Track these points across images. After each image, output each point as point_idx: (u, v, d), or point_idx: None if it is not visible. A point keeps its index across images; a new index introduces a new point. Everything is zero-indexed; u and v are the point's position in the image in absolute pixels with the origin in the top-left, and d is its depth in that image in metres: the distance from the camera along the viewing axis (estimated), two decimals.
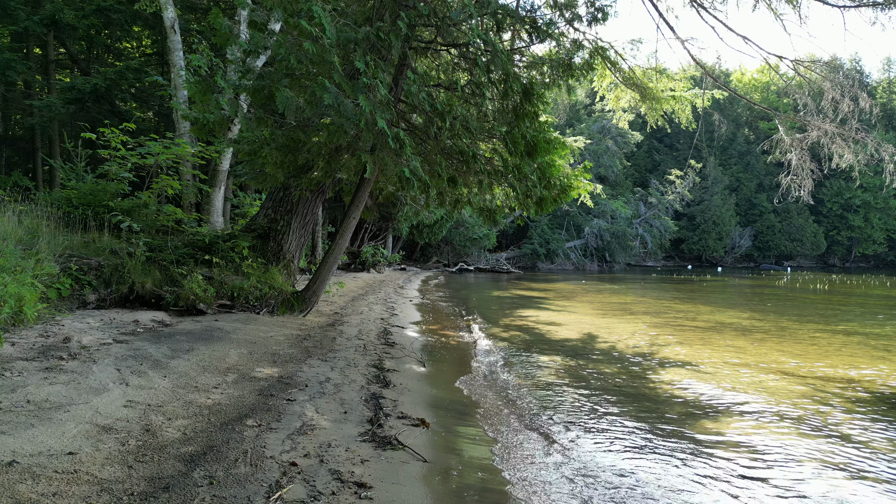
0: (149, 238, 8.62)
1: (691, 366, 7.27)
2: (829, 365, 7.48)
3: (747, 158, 50.71)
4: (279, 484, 2.98)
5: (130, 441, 3.25)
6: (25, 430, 3.14)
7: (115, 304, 7.24)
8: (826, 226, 51.21)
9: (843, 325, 11.56)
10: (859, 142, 11.88)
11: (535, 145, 7.11)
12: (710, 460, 4.08)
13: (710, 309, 14.31)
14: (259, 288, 8.21)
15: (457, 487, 3.35)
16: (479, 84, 7.09)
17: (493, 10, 6.95)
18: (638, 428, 4.75)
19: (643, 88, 12.51)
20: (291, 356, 5.93)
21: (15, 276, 5.58)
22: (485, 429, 4.52)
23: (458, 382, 6.00)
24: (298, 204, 9.69)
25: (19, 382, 3.86)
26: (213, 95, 7.33)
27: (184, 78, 11.63)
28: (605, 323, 11.24)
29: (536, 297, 16.98)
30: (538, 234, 35.51)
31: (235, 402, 4.21)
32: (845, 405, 5.62)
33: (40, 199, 9.48)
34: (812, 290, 21.83)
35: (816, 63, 12.31)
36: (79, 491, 2.62)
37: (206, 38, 13.83)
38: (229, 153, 12.31)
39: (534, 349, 8.20)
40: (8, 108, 20.45)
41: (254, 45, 7.22)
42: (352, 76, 6.86)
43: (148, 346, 5.37)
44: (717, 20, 10.65)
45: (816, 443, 4.53)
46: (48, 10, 15.16)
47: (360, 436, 3.89)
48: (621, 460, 4.02)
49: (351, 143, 7.04)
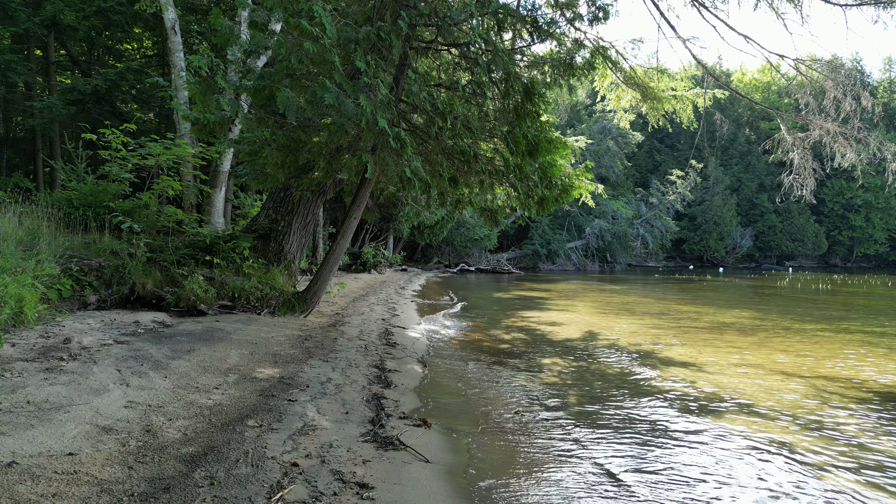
0: (149, 239, 8.61)
1: (694, 366, 7.24)
2: (832, 364, 7.45)
3: (748, 158, 50.67)
4: (280, 484, 2.96)
5: (131, 442, 3.23)
6: (25, 431, 3.12)
7: (116, 304, 7.23)
8: (827, 226, 51.14)
9: (845, 324, 11.52)
10: (861, 141, 11.85)
11: (537, 145, 7.09)
12: (711, 459, 4.06)
13: (713, 309, 14.28)
14: (260, 288, 8.20)
15: (460, 487, 3.32)
16: (480, 84, 7.07)
17: (493, 10, 6.93)
18: (640, 426, 4.72)
19: (644, 88, 12.50)
20: (292, 357, 5.91)
21: (15, 276, 5.57)
22: (486, 429, 4.50)
23: (460, 382, 5.98)
24: (299, 204, 9.68)
25: (19, 383, 3.85)
26: (213, 96, 7.32)
27: (184, 79, 11.63)
28: (607, 322, 11.21)
29: (538, 297, 16.96)
30: (539, 235, 35.49)
31: (236, 402, 4.19)
32: (848, 404, 5.59)
33: (41, 200, 9.47)
34: (814, 290, 21.79)
35: (818, 62, 12.29)
36: (79, 492, 2.61)
37: (207, 38, 13.82)
38: (230, 154, 12.31)
39: (535, 349, 8.17)
40: (9, 109, 20.46)
41: (254, 45, 7.21)
42: (352, 76, 6.86)
43: (149, 346, 5.36)
44: (719, 19, 10.64)
45: (818, 442, 4.50)
46: (49, 11, 15.15)
47: (361, 436, 3.87)
48: (628, 459, 3.99)
49: (352, 143, 7.02)
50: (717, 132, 45.94)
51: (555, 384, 6.12)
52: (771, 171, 47.81)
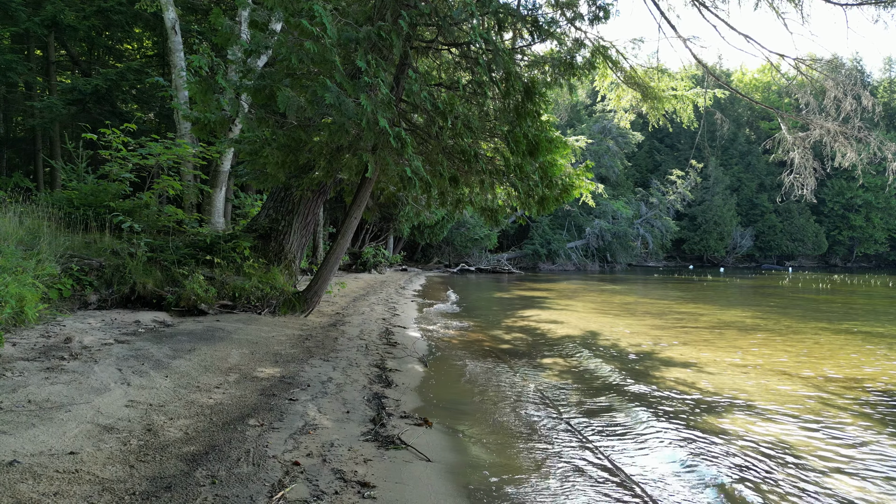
0: (150, 238, 8.61)
1: (695, 365, 7.24)
2: (834, 364, 7.44)
3: (748, 158, 50.68)
4: (282, 483, 2.96)
5: (132, 441, 3.23)
6: (26, 430, 3.12)
7: (117, 304, 7.23)
8: (827, 226, 51.14)
9: (846, 323, 11.52)
10: (862, 140, 11.85)
11: (537, 144, 7.08)
12: (712, 458, 4.06)
13: (714, 309, 14.27)
14: (260, 288, 8.20)
15: (461, 486, 3.32)
16: (480, 83, 7.07)
17: (494, 9, 6.93)
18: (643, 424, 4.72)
19: (645, 88, 12.49)
20: (293, 356, 5.91)
21: (16, 276, 5.57)
22: (486, 428, 4.50)
23: (460, 381, 5.98)
24: (300, 204, 9.68)
25: (20, 382, 3.85)
26: (213, 95, 7.32)
27: (184, 78, 11.63)
28: (608, 322, 11.21)
29: (538, 296, 16.95)
30: (539, 235, 35.49)
31: (237, 401, 4.19)
32: (850, 403, 5.59)
33: (41, 200, 9.47)
34: (814, 290, 21.78)
35: (818, 62, 12.28)
36: (80, 490, 2.60)
37: (207, 38, 13.82)
38: (230, 154, 12.31)
39: (536, 348, 8.17)
40: (9, 109, 20.46)
41: (255, 44, 7.21)
42: (353, 75, 6.85)
43: (149, 346, 5.36)
44: (719, 18, 10.63)
45: (820, 441, 4.50)
46: (49, 11, 15.15)
47: (362, 435, 3.87)
48: (631, 458, 3.99)
49: (352, 142, 7.02)
50: (718, 132, 45.96)
51: (556, 383, 6.12)
52: (771, 170, 47.83)
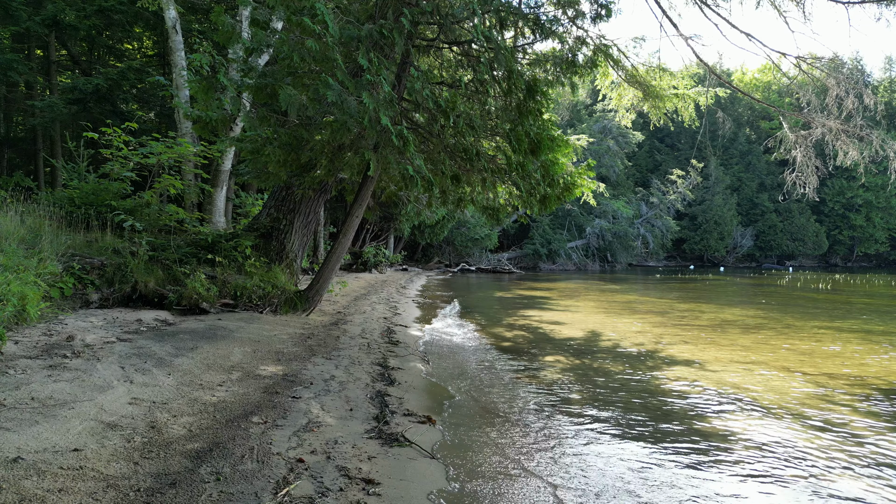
0: (151, 237, 8.61)
1: (697, 363, 7.23)
2: (835, 363, 7.44)
3: (749, 158, 50.62)
4: (286, 480, 2.96)
5: (136, 438, 3.22)
6: (30, 427, 3.12)
7: (118, 303, 7.22)
8: (828, 225, 51.07)
9: (847, 322, 11.51)
10: (864, 139, 11.83)
11: (539, 143, 7.07)
12: (714, 457, 4.05)
13: (715, 308, 14.27)
14: (262, 287, 8.19)
15: (465, 483, 3.32)
16: (482, 82, 7.07)
17: (495, 8, 6.92)
18: (644, 422, 4.72)
19: (646, 86, 12.48)
20: (295, 354, 5.91)
21: (18, 274, 5.57)
22: (490, 425, 4.49)
23: (462, 379, 5.97)
24: (301, 203, 9.67)
25: (23, 380, 3.84)
26: (215, 94, 7.32)
27: (185, 77, 11.62)
28: (609, 321, 11.20)
29: (539, 296, 16.95)
30: (540, 235, 35.47)
31: (240, 399, 4.19)
32: (852, 402, 5.59)
33: (42, 199, 9.47)
34: (814, 290, 21.77)
35: (819, 60, 12.27)
36: (85, 487, 2.60)
37: (208, 37, 13.82)
38: (231, 153, 12.31)
39: (537, 347, 8.16)
40: (10, 108, 20.46)
41: (256, 43, 7.20)
42: (355, 74, 6.85)
43: (152, 344, 5.35)
44: (720, 17, 10.63)
45: (822, 441, 4.49)
46: (50, 10, 15.15)
47: (366, 433, 3.86)
48: (634, 457, 3.99)
49: (354, 140, 7.02)
50: (719, 131, 45.88)
51: (558, 381, 6.11)
52: (771, 170, 47.79)
